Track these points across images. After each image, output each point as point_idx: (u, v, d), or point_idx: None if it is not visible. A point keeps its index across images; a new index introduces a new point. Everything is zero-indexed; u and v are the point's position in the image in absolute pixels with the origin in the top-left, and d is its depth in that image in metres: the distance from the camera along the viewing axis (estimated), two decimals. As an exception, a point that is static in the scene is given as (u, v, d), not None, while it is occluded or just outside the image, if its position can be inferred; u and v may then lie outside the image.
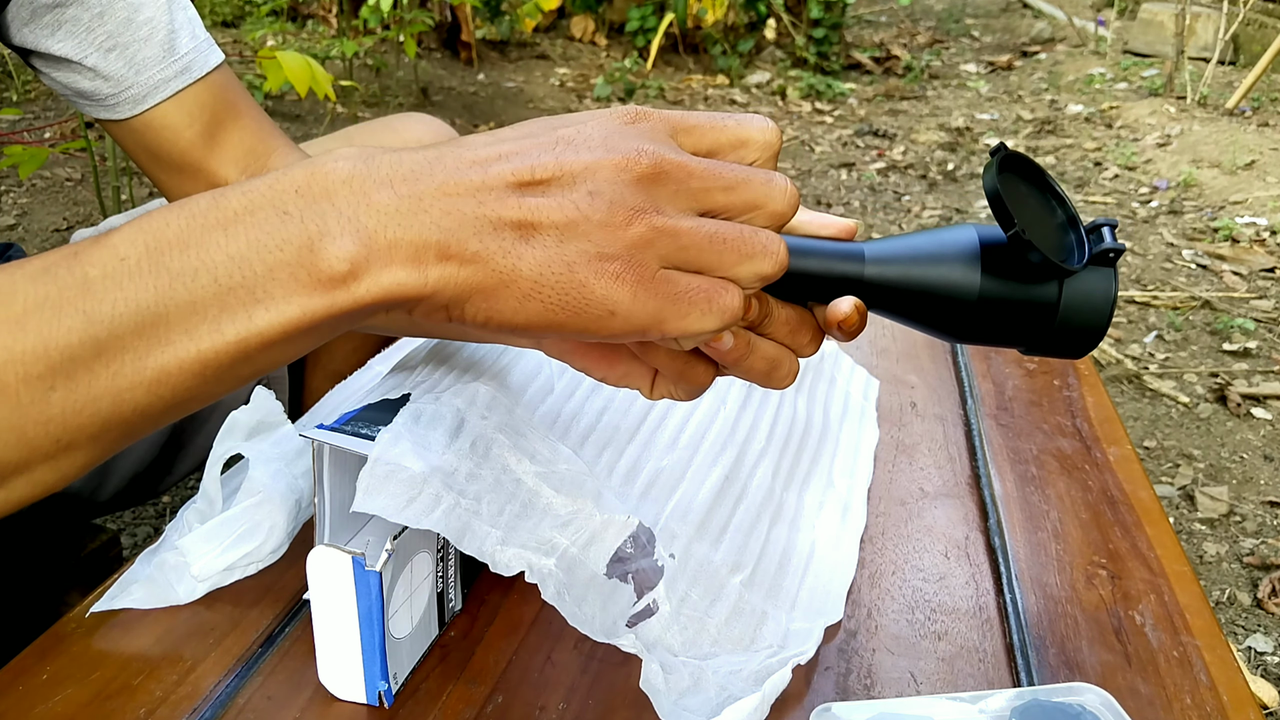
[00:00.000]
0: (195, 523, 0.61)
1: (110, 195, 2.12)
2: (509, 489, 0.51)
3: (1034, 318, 0.42)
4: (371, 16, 3.53)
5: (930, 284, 0.42)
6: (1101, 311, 0.42)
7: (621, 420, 0.61)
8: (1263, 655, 1.36)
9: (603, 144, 0.35)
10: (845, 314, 0.41)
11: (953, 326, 0.43)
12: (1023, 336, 0.43)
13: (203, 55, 0.63)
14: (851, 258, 0.42)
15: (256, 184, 0.34)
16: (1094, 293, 0.42)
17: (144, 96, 0.62)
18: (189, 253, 0.34)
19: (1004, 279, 0.41)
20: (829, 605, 0.59)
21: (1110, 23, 5.23)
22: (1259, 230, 2.83)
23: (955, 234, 0.43)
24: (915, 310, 0.43)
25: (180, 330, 0.34)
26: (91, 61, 0.60)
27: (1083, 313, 0.42)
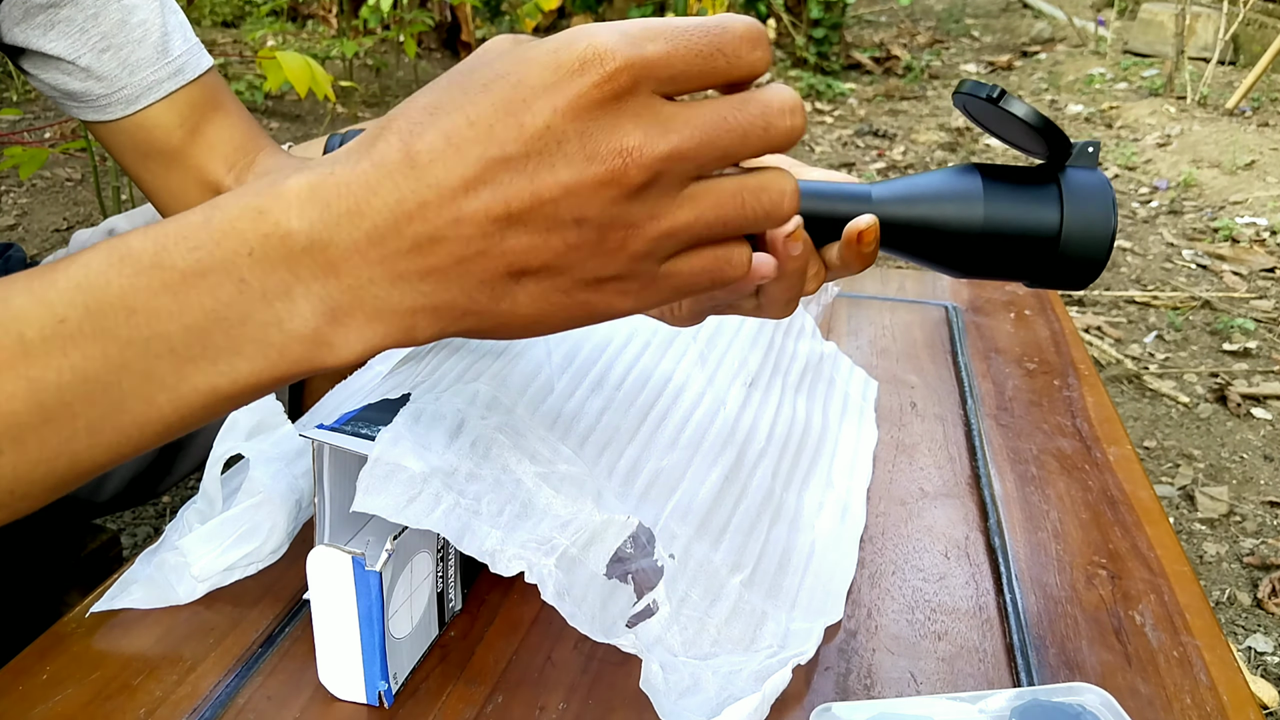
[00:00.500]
0: (195, 523, 0.61)
1: (110, 195, 2.12)
2: (509, 489, 0.51)
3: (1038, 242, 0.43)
4: (371, 16, 3.53)
5: (936, 217, 0.43)
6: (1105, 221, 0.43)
7: (621, 420, 0.61)
8: (1263, 655, 1.36)
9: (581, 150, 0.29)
10: (866, 225, 0.41)
11: (960, 259, 0.44)
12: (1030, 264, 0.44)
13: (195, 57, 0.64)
14: (858, 198, 0.44)
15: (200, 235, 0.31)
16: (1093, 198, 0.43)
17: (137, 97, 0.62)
18: (136, 319, 0.31)
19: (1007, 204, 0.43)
20: (829, 605, 0.59)
21: (1110, 23, 5.23)
22: (1259, 230, 2.83)
23: (958, 170, 0.45)
24: (923, 245, 0.44)
25: (137, 397, 0.32)
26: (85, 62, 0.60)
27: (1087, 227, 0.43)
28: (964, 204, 0.43)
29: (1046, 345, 0.96)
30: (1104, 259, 0.43)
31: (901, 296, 1.07)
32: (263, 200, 0.31)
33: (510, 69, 0.29)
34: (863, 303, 1.05)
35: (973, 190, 0.43)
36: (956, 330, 0.98)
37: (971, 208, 0.43)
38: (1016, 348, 0.95)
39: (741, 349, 0.74)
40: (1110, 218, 0.43)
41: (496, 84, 0.29)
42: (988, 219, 0.43)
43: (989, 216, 0.43)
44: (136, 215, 0.87)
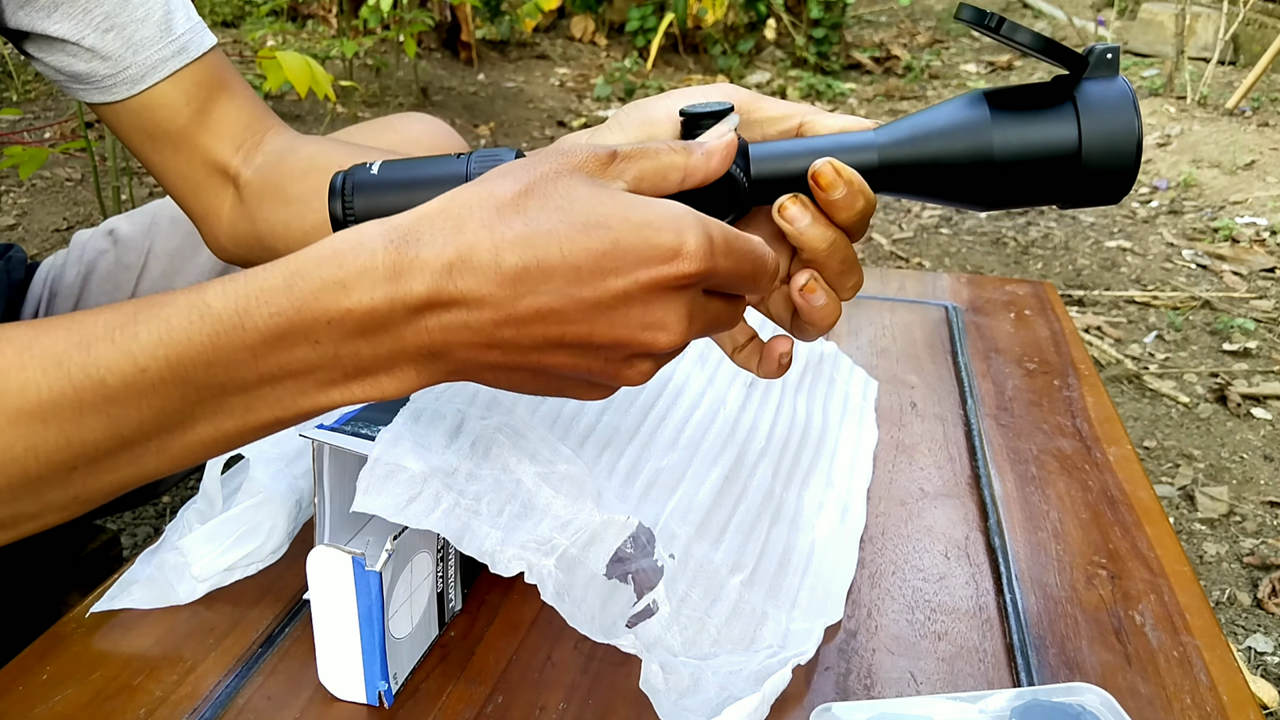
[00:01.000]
0: (195, 523, 0.61)
1: (110, 195, 2.12)
2: (509, 489, 0.51)
3: (1059, 160, 0.41)
4: (371, 16, 3.53)
5: (946, 154, 0.42)
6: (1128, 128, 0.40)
7: (621, 420, 0.61)
8: (1263, 655, 1.36)
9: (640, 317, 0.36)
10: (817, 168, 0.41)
11: (980, 192, 0.42)
12: (1053, 184, 0.42)
13: (198, 36, 0.64)
14: (864, 147, 0.42)
15: (280, 300, 0.34)
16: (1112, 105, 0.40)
17: (142, 77, 0.62)
18: (215, 370, 0.35)
19: (1018, 124, 0.41)
20: (829, 605, 0.59)
21: (1110, 23, 5.23)
22: (1259, 230, 2.83)
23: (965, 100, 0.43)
24: (940, 184, 0.43)
25: (207, 424, 0.37)
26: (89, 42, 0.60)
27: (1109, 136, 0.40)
28: (973, 135, 0.41)
29: (1046, 345, 0.96)
30: (1133, 168, 0.41)
31: (901, 296, 1.07)
32: (346, 274, 0.34)
33: (612, 222, 0.35)
34: (863, 303, 1.05)
35: (980, 119, 0.41)
36: (956, 330, 0.98)
37: (981, 138, 0.41)
38: (1016, 348, 0.95)
39: (741, 349, 0.74)
40: (1133, 124, 0.40)
41: (597, 233, 0.34)
42: (1000, 147, 0.41)
43: (1001, 144, 0.41)
44: (137, 216, 0.87)
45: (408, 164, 0.44)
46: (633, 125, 0.47)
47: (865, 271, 1.15)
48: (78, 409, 0.35)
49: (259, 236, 0.63)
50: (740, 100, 0.47)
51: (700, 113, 0.42)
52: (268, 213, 0.62)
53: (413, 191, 0.43)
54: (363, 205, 0.44)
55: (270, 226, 0.62)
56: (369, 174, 0.44)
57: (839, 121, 0.45)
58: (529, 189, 0.35)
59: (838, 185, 0.41)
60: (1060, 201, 0.43)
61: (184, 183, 0.65)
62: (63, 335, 0.35)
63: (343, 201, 0.44)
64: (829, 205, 0.42)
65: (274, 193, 0.62)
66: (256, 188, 0.63)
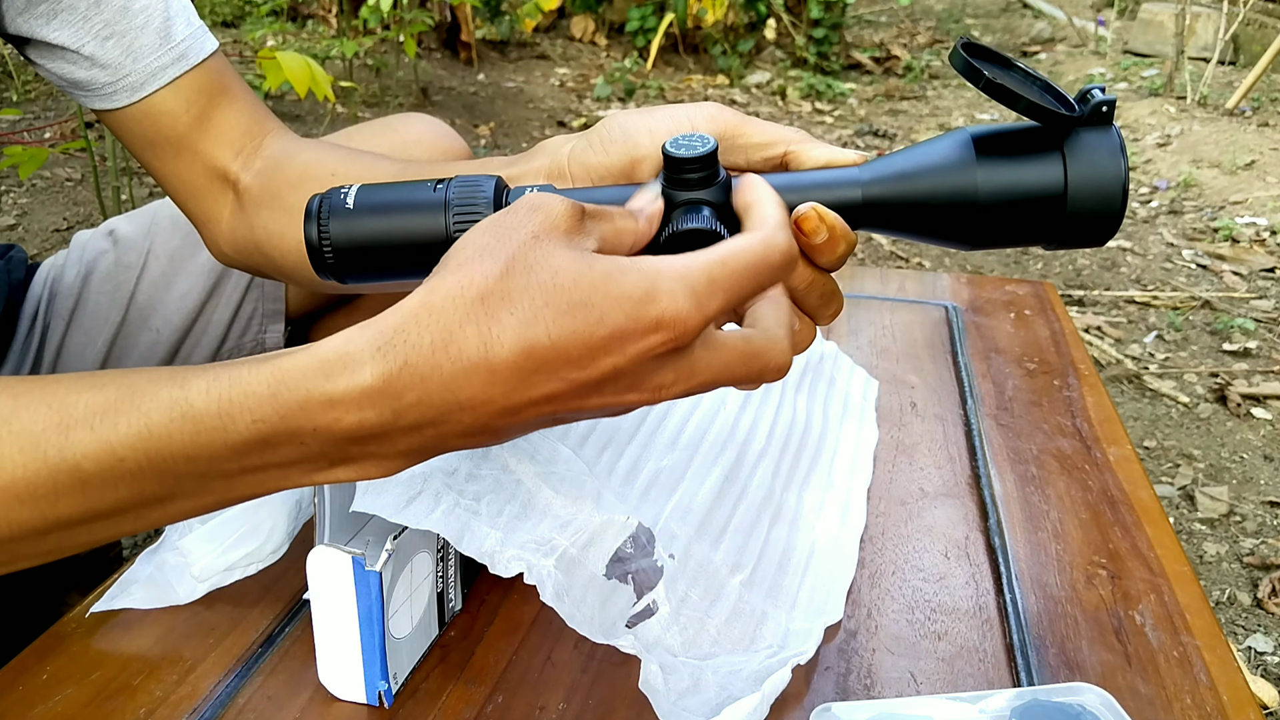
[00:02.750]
0: (195, 523, 0.61)
1: (110, 195, 2.12)
2: (509, 489, 0.51)
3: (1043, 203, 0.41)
4: (371, 16, 3.53)
5: (930, 192, 0.42)
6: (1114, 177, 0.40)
7: (621, 420, 0.61)
8: (1263, 655, 1.36)
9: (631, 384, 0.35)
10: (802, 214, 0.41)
11: (963, 232, 0.42)
12: (1037, 227, 0.42)
13: (199, 42, 0.63)
14: (849, 184, 0.42)
15: (265, 409, 0.34)
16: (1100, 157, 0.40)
17: (141, 84, 0.62)
18: (195, 463, 0.35)
19: (1004, 168, 0.41)
20: (829, 605, 0.59)
21: (1110, 23, 5.23)
22: (1259, 230, 2.83)
23: (951, 138, 0.42)
24: (922, 223, 0.42)
25: (187, 499, 0.37)
26: (89, 50, 0.60)
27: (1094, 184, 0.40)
28: (958, 177, 0.41)
29: (1046, 345, 0.96)
30: (1119, 212, 0.41)
31: (901, 296, 1.07)
32: (333, 390, 0.34)
33: (592, 299, 0.33)
34: (863, 303, 1.05)
35: (966, 161, 0.41)
36: (956, 330, 0.98)
37: (966, 180, 0.41)
38: (1016, 348, 0.95)
39: (741, 349, 0.74)
40: (1119, 168, 0.40)
41: (581, 313, 0.33)
42: (985, 190, 0.41)
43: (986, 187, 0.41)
44: (137, 216, 0.87)
45: (384, 190, 0.44)
46: (616, 147, 0.47)
47: (865, 271, 1.15)
48: (52, 490, 0.36)
49: (257, 243, 0.63)
50: (726, 123, 0.46)
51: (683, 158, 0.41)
52: (265, 220, 0.62)
53: (388, 218, 0.43)
54: (338, 231, 0.43)
55: (267, 234, 0.62)
56: (343, 203, 0.44)
57: (825, 154, 0.45)
58: (509, 268, 0.34)
59: (820, 231, 0.41)
60: (1045, 243, 0.43)
61: (185, 188, 0.65)
62: (42, 414, 0.36)
63: (318, 226, 0.44)
64: (810, 249, 0.41)
65: (270, 200, 0.62)
66: (254, 195, 0.63)
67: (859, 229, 0.43)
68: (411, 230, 0.43)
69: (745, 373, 0.37)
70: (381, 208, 0.44)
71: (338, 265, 0.44)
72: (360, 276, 0.45)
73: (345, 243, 0.44)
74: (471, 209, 0.43)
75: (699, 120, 0.46)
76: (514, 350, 0.33)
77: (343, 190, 0.44)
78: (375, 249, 0.44)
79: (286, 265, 0.62)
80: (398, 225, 0.43)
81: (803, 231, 0.41)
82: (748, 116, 0.47)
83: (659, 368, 0.35)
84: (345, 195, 0.44)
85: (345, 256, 0.44)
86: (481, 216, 0.41)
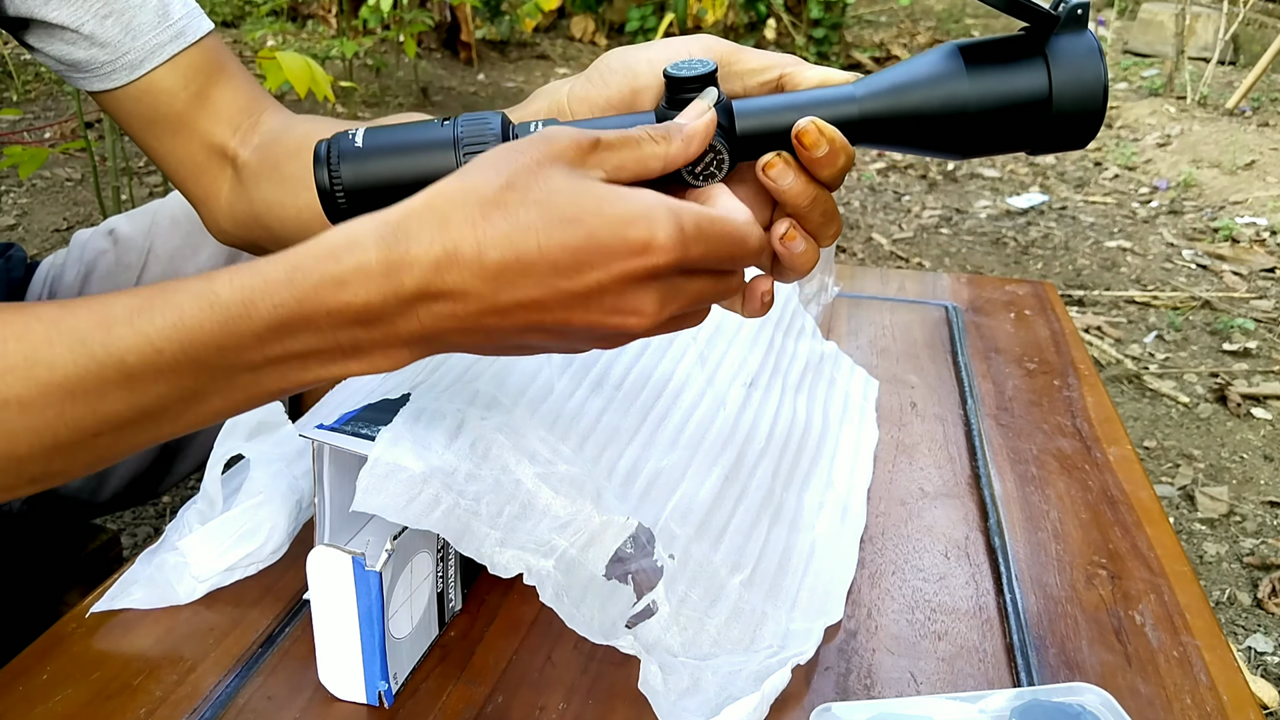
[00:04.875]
0: (196, 523, 0.61)
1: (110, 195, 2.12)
2: (509, 490, 0.51)
3: (1030, 107, 0.43)
4: (371, 16, 3.53)
5: (923, 104, 0.43)
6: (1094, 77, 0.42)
7: (621, 420, 0.61)
8: (1263, 655, 1.36)
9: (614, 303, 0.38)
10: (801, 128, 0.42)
11: (956, 141, 0.44)
12: (1025, 132, 0.43)
13: (195, 20, 0.64)
14: (844, 101, 0.44)
15: (283, 293, 0.37)
16: (1080, 59, 0.42)
17: (140, 62, 0.62)
18: (225, 354, 0.38)
19: (991, 76, 0.43)
20: (829, 605, 0.59)
21: (1110, 23, 5.23)
22: (1259, 230, 2.83)
23: (940, 53, 0.44)
24: (917, 135, 0.44)
25: (218, 396, 0.40)
26: (88, 29, 0.60)
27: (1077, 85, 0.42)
28: (949, 86, 0.43)
29: (1046, 345, 0.96)
30: (1100, 111, 0.43)
31: (901, 296, 1.07)
32: (343, 270, 0.37)
33: (584, 216, 0.36)
34: (863, 303, 1.05)
35: (956, 71, 0.43)
36: (956, 330, 0.98)
37: (957, 89, 0.43)
38: (1016, 348, 0.95)
39: (741, 349, 0.74)
40: (1099, 71, 0.42)
41: (572, 228, 0.36)
42: (975, 97, 0.43)
43: (976, 95, 0.43)
44: (137, 216, 0.87)
45: (392, 130, 0.44)
46: (615, 79, 0.48)
47: (865, 271, 1.15)
48: (100, 385, 0.38)
49: (256, 216, 0.63)
50: (721, 52, 0.47)
51: (684, 77, 0.43)
52: (264, 192, 0.62)
53: (398, 158, 0.43)
54: (349, 173, 0.43)
55: (266, 205, 0.62)
56: (353, 144, 0.44)
57: (819, 74, 0.46)
58: (510, 183, 0.37)
59: (821, 144, 0.42)
60: (1031, 147, 0.45)
61: (183, 167, 0.66)
62: (85, 315, 0.38)
63: (329, 170, 0.44)
64: (811, 163, 0.43)
65: (269, 171, 0.62)
66: (253, 168, 0.63)
67: (856, 144, 0.44)
68: (422, 167, 0.43)
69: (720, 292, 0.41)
70: (391, 147, 0.44)
71: (350, 208, 0.44)
72: None
73: (356, 184, 0.44)
74: (480, 143, 0.43)
75: (695, 49, 0.47)
76: (504, 252, 0.36)
77: (350, 133, 0.44)
78: (387, 188, 0.43)
79: (286, 234, 0.62)
80: (408, 164, 0.43)
81: (804, 145, 0.42)
82: (741, 45, 0.48)
83: (638, 290, 0.37)
84: (353, 137, 0.44)
85: (357, 198, 0.44)
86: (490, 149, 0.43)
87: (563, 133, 0.39)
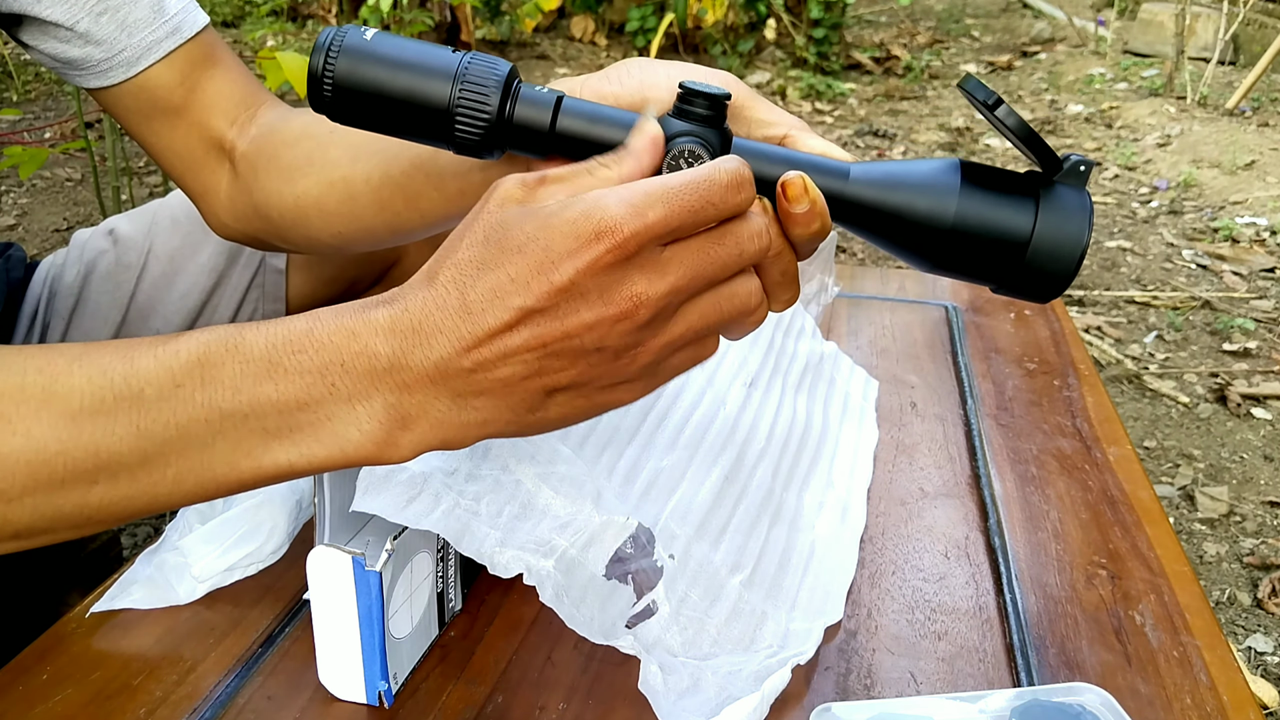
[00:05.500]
0: (196, 523, 0.61)
1: (110, 195, 2.12)
2: (509, 489, 0.51)
3: (1007, 245, 0.43)
4: (371, 16, 3.53)
5: (909, 205, 0.43)
6: (1076, 237, 0.42)
7: (621, 420, 0.61)
8: (1263, 655, 1.36)
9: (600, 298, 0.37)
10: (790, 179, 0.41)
11: (929, 252, 0.44)
12: (995, 266, 0.44)
13: (190, 15, 0.64)
14: (836, 174, 0.44)
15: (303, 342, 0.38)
16: (1070, 214, 0.42)
17: (137, 59, 0.62)
18: (240, 398, 0.38)
19: (981, 200, 0.43)
20: (829, 605, 0.59)
21: (1110, 23, 5.23)
22: (1259, 230, 2.83)
23: (941, 163, 0.44)
24: (894, 231, 0.44)
25: (223, 460, 0.39)
26: (83, 26, 0.60)
27: (1057, 240, 0.42)
28: (939, 196, 0.43)
29: (1046, 345, 0.96)
30: (1071, 274, 0.43)
31: (901, 296, 1.07)
32: (355, 324, 0.38)
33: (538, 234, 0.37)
34: (863, 303, 1.05)
35: (950, 185, 0.43)
36: (956, 330, 0.98)
37: (945, 201, 0.43)
38: (1016, 348, 0.95)
39: (741, 349, 0.74)
40: (1083, 234, 0.43)
41: (529, 247, 0.37)
42: (959, 215, 0.43)
43: (961, 213, 0.43)
44: (137, 216, 0.87)
45: (403, 44, 0.44)
46: (631, 84, 0.48)
47: (865, 271, 1.15)
48: (111, 416, 0.38)
49: (255, 207, 0.63)
50: (738, 95, 0.47)
51: (696, 89, 0.43)
52: (263, 182, 0.62)
53: (394, 70, 0.43)
54: (343, 66, 0.43)
55: (265, 195, 0.62)
56: (362, 39, 0.43)
57: (820, 146, 0.46)
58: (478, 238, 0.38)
59: (803, 200, 0.42)
60: (996, 285, 0.45)
61: (181, 161, 0.66)
62: (110, 350, 0.39)
63: (325, 57, 0.43)
64: (788, 216, 0.42)
65: (266, 161, 0.62)
66: (251, 159, 0.63)
67: (836, 222, 0.44)
68: (415, 88, 0.43)
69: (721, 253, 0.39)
70: (392, 59, 0.43)
71: (333, 102, 0.44)
72: (351, 120, 0.45)
73: (347, 81, 0.43)
74: (480, 87, 0.43)
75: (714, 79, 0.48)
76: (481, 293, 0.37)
77: (364, 29, 0.44)
78: (374, 95, 0.43)
79: (285, 225, 0.62)
80: (402, 80, 0.43)
81: (786, 196, 0.42)
82: (758, 94, 0.48)
83: (622, 276, 0.37)
84: (365, 33, 0.43)
85: (343, 95, 0.43)
86: (487, 96, 0.43)
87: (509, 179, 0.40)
